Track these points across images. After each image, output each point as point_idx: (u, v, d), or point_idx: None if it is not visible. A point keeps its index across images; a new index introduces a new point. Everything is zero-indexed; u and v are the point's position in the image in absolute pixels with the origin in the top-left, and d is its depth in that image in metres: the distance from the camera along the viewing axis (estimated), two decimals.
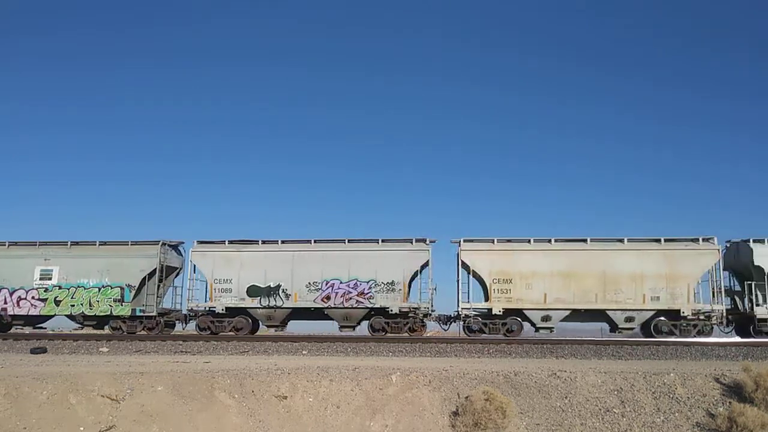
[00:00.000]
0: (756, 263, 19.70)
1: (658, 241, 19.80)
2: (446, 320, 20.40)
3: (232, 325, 20.45)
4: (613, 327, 19.61)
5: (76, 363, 12.81)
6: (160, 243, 21.56)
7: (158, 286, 21.31)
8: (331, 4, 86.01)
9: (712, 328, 19.14)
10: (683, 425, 9.98)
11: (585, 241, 20.01)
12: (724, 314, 19.16)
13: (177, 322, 21.59)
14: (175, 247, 22.52)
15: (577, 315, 19.67)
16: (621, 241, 19.95)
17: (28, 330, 22.30)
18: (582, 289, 19.32)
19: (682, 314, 18.96)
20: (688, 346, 16.45)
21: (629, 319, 19.25)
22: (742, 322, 19.87)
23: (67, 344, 17.56)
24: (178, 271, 22.66)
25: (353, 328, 20.62)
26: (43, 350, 16.25)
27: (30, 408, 9.25)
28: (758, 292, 19.55)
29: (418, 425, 9.99)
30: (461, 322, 19.80)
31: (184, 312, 21.37)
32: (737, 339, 18.54)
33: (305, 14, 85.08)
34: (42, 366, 12.02)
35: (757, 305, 19.40)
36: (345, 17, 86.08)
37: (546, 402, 10.40)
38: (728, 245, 20.98)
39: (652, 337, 18.91)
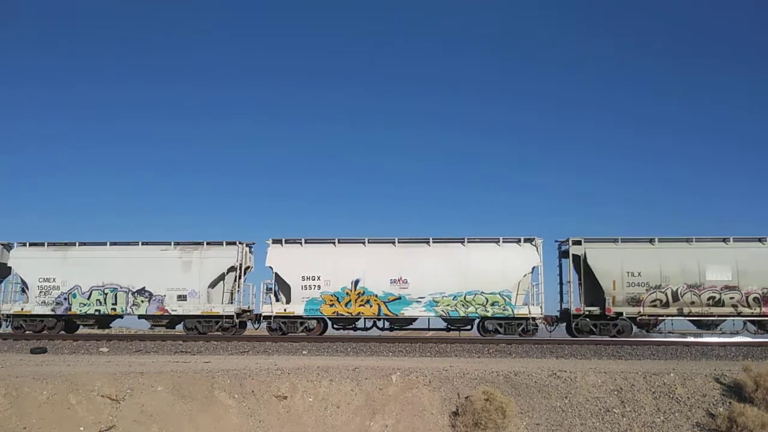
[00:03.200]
0: None
1: None
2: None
3: None
4: None
5: (76, 363, 12.81)
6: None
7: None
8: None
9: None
10: (683, 425, 9.98)
11: None
12: None
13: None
14: None
15: None
16: None
17: None
18: None
19: None
20: (688, 346, 16.50)
21: None
22: None
23: (67, 344, 17.58)
24: None
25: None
26: (43, 350, 16.26)
27: (30, 408, 9.25)
28: None
29: (418, 425, 9.99)
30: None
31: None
32: (737, 339, 18.55)
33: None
34: (42, 366, 12.03)
35: None
36: None
37: (546, 402, 10.41)
38: None
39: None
